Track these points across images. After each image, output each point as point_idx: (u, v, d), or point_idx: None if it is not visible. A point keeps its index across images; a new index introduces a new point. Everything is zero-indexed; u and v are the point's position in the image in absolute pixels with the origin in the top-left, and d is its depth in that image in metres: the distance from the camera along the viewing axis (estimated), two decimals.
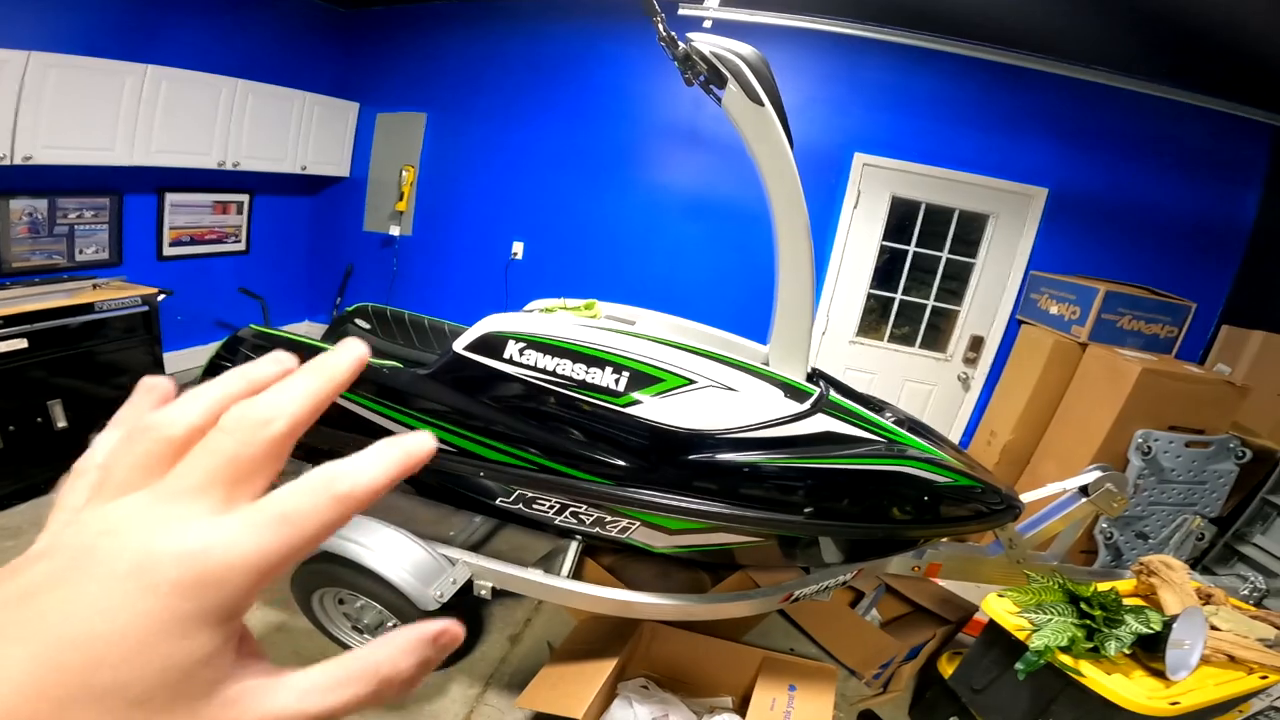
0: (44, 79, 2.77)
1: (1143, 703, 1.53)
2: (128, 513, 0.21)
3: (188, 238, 3.87)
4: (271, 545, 0.21)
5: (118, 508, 0.21)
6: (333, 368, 0.24)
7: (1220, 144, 3.30)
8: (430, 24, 4.17)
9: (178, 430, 0.22)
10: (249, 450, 0.22)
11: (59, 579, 0.19)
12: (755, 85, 1.58)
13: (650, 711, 1.94)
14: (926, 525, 1.79)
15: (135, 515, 0.21)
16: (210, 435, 0.22)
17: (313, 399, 0.23)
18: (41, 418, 2.68)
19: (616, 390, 1.66)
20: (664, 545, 1.84)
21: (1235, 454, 2.96)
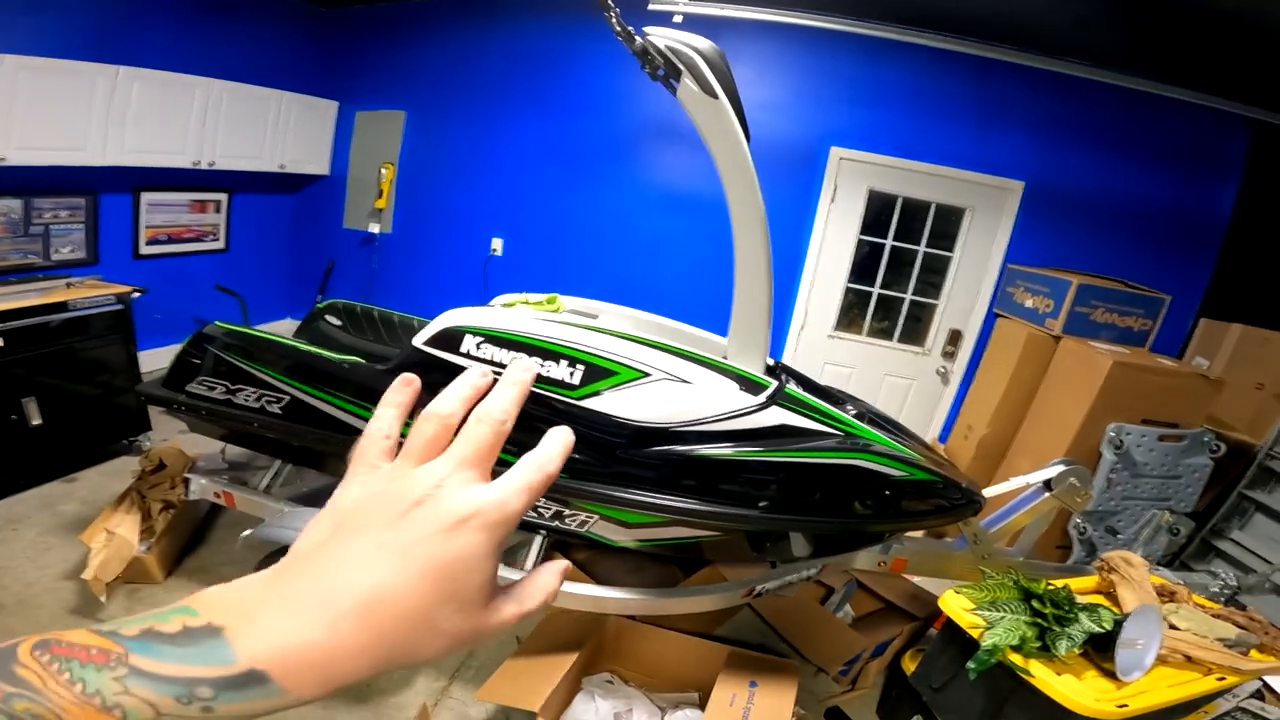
0: (15, 81, 2.78)
1: (1090, 705, 1.48)
2: (440, 475, 0.31)
3: (165, 236, 3.87)
4: (525, 501, 0.32)
5: (429, 470, 0.32)
6: (522, 382, 0.35)
7: (1198, 137, 3.30)
8: (409, 23, 4.17)
9: (452, 420, 0.34)
10: (496, 437, 0.33)
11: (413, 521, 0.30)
12: (710, 78, 1.57)
13: (613, 706, 1.94)
14: (884, 520, 1.80)
15: (447, 478, 0.31)
16: (471, 425, 0.33)
17: (519, 404, 0.35)
18: (16, 415, 2.68)
19: (571, 383, 1.66)
20: (625, 539, 1.84)
21: (1209, 447, 2.96)
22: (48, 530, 2.57)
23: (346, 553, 0.29)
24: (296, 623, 0.27)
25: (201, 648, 0.26)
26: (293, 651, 0.27)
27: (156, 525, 2.34)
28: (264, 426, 1.92)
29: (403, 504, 0.30)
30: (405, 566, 0.28)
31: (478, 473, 0.32)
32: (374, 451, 0.33)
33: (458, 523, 0.30)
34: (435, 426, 0.33)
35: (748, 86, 3.58)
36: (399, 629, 0.28)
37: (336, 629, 0.27)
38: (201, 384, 1.97)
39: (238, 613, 0.28)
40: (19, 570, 2.31)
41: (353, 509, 0.31)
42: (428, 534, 0.29)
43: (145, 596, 2.27)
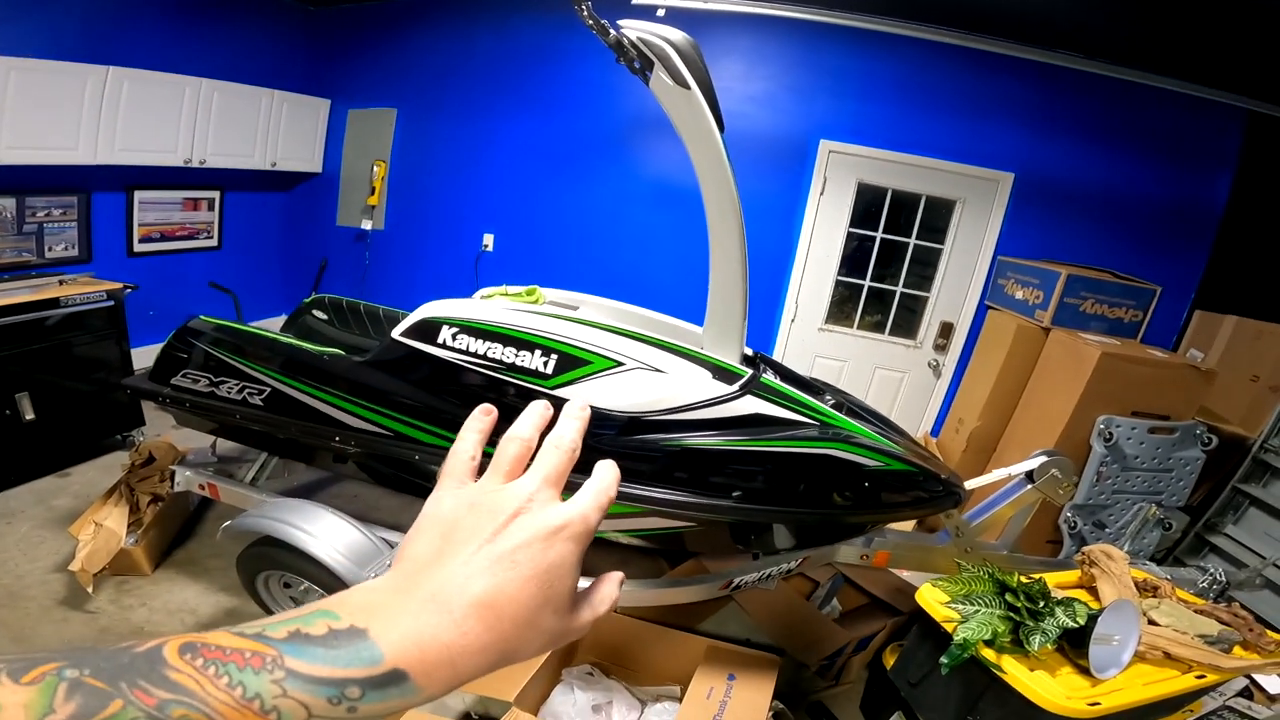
0: (5, 82, 2.81)
1: (1060, 702, 1.44)
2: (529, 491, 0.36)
3: (158, 234, 3.90)
4: (599, 517, 0.37)
5: (518, 487, 0.36)
6: (584, 417, 0.41)
7: (1191, 128, 3.27)
8: (398, 20, 4.18)
9: (531, 443, 0.39)
10: (569, 462, 0.38)
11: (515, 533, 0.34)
12: (682, 69, 1.57)
13: (592, 699, 1.94)
14: (862, 511, 1.79)
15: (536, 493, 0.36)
16: (548, 450, 0.38)
17: (583, 432, 0.40)
18: (9, 410, 2.71)
19: (544, 373, 1.67)
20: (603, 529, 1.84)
21: (1201, 440, 2.93)
22: (41, 524, 2.60)
23: (462, 558, 0.33)
24: (429, 623, 0.30)
25: (350, 649, 0.28)
26: (430, 650, 0.29)
27: (145, 518, 2.36)
28: (247, 418, 1.94)
29: (502, 515, 0.34)
30: (515, 572, 0.32)
31: (556, 491, 0.37)
32: (461, 469, 0.38)
33: (552, 533, 0.34)
34: (519, 448, 0.39)
35: (736, 80, 3.62)
36: (513, 627, 0.32)
37: (464, 628, 0.30)
38: (186, 377, 1.99)
39: (376, 615, 0.30)
40: (11, 563, 2.34)
41: (453, 519, 0.35)
42: (529, 541, 0.33)
43: (133, 589, 2.30)
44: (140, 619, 2.17)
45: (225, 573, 2.42)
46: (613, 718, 1.92)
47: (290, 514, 1.82)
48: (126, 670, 0.26)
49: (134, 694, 0.25)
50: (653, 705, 1.97)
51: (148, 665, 0.26)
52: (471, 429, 0.40)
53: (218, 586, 2.38)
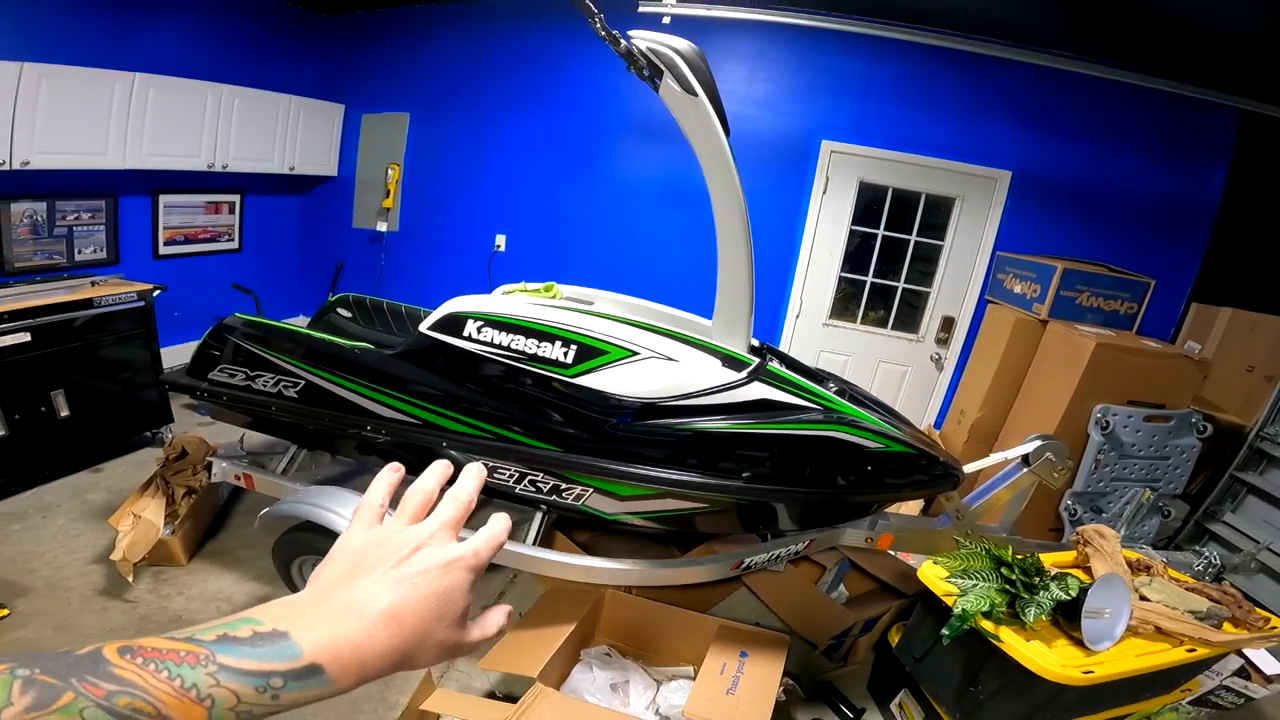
0: (38, 88, 2.90)
1: (1056, 670, 1.52)
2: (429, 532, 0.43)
3: (182, 237, 4.02)
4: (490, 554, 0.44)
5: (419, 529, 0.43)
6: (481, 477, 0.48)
7: (1185, 124, 3.35)
8: (410, 26, 4.29)
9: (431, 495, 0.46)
10: (464, 512, 0.46)
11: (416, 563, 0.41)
12: (689, 77, 1.67)
13: (610, 677, 2.03)
14: (863, 490, 1.88)
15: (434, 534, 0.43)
16: (446, 501, 0.46)
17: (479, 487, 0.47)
18: (45, 407, 2.82)
19: (565, 362, 1.77)
20: (617, 511, 1.94)
21: (1197, 428, 3.00)
22: (77, 517, 2.69)
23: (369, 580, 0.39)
24: (343, 627, 0.36)
25: (273, 647, 0.34)
26: (342, 648, 0.36)
27: (180, 510, 2.47)
28: (281, 410, 2.04)
29: (406, 548, 0.41)
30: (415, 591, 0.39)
31: (452, 534, 0.44)
32: (370, 514, 0.45)
33: (448, 563, 0.41)
34: (421, 498, 0.45)
35: (739, 83, 3.72)
36: (414, 636, 0.38)
37: (371, 632, 0.37)
38: (223, 371, 2.10)
39: (295, 621, 0.36)
40: (50, 555, 2.44)
41: (363, 551, 0.41)
42: (427, 568, 0.40)
43: (170, 578, 2.39)
44: (178, 607, 2.26)
45: (256, 562, 2.52)
46: (629, 695, 2.02)
47: (327, 500, 1.92)
48: (73, 668, 0.30)
49: (83, 687, 0.29)
50: (668, 683, 2.06)
51: (92, 664, 0.30)
52: (381, 482, 0.47)
53: (250, 575, 2.47)
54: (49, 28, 3.13)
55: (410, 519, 0.44)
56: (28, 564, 2.37)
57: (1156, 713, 2.02)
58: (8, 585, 2.24)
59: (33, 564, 2.38)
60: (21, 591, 2.23)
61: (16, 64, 2.82)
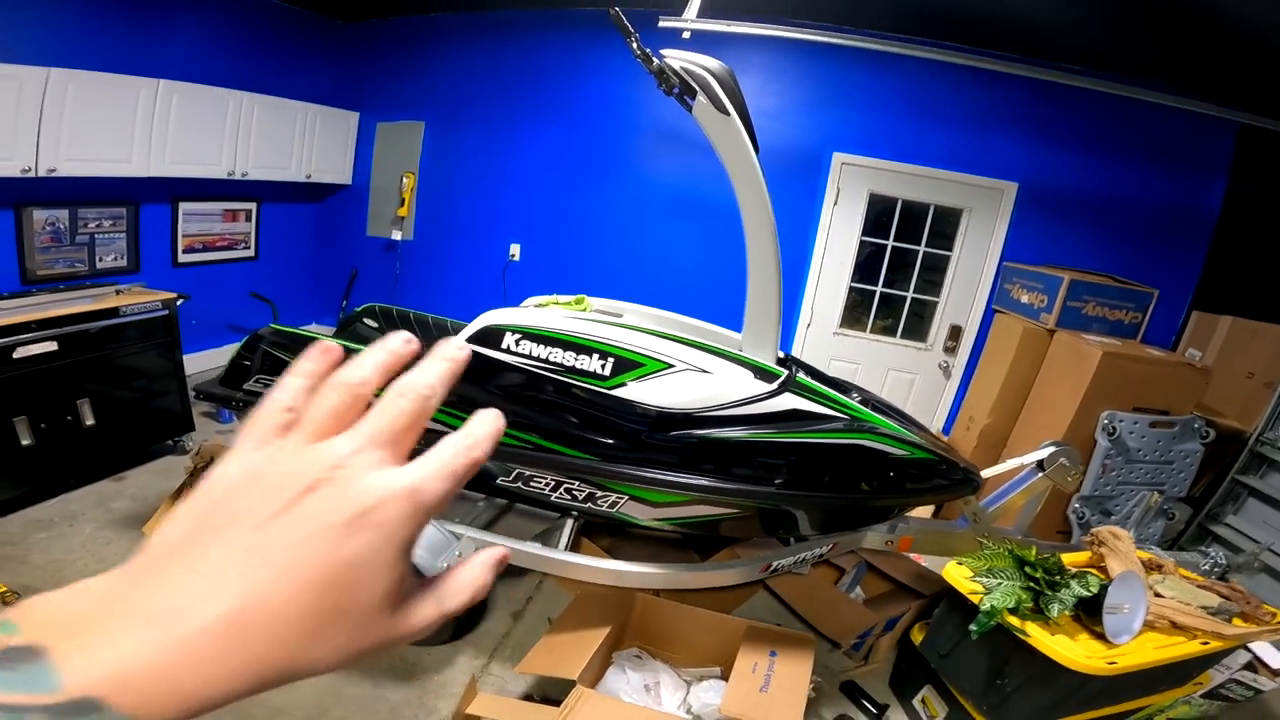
0: (64, 94, 2.92)
1: (1082, 661, 1.62)
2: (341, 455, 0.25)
3: (200, 245, 4.06)
4: (445, 488, 0.26)
5: (328, 448, 0.26)
6: (454, 358, 0.29)
7: (1185, 136, 3.45)
8: (426, 36, 4.34)
9: (364, 389, 0.28)
10: (418, 414, 0.27)
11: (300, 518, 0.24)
12: (722, 96, 1.74)
13: (642, 679, 2.08)
14: (888, 495, 1.95)
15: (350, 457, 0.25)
16: (389, 398, 0.27)
17: (450, 382, 0.29)
18: (71, 416, 2.84)
19: (603, 375, 1.83)
20: (650, 518, 2.00)
21: (1200, 433, 3.09)
22: (104, 525, 2.71)
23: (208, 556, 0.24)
24: (137, 643, 0.22)
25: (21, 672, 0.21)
26: (134, 676, 0.22)
27: None
28: None
29: (288, 491, 0.25)
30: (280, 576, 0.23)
31: (389, 454, 0.26)
32: (267, 425, 0.27)
33: (356, 516, 0.24)
34: (342, 396, 0.27)
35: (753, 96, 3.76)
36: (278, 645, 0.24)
37: (191, 649, 0.23)
38: (258, 382, 2.15)
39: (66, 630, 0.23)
40: (80, 563, 2.46)
41: (224, 496, 0.25)
42: (315, 532, 0.24)
43: None
44: None
45: None
46: (661, 695, 2.07)
47: None
48: None
49: None
50: (698, 684, 2.11)
51: None
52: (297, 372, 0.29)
53: None
54: (74, 33, 3.15)
55: (317, 433, 0.27)
56: (58, 572, 2.40)
57: (1170, 705, 2.10)
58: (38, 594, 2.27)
59: (63, 572, 2.40)
60: None
61: (44, 69, 2.83)
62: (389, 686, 2.05)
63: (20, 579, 2.29)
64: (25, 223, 3.15)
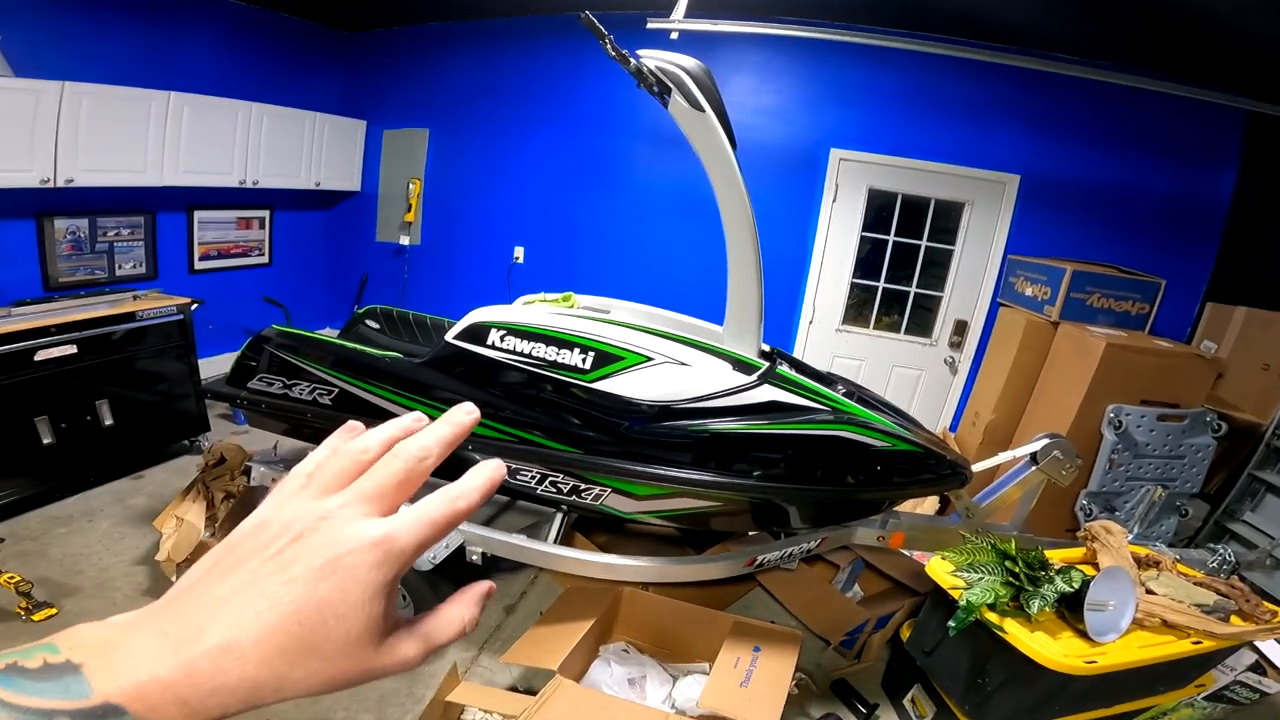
0: (79, 107, 3.04)
1: (1059, 660, 1.56)
2: (329, 508, 0.30)
3: (215, 252, 4.20)
4: (422, 535, 0.30)
5: (326, 502, 0.30)
6: (458, 423, 0.33)
7: (1192, 125, 3.37)
8: (429, 44, 4.44)
9: (365, 456, 0.32)
10: (408, 473, 0.31)
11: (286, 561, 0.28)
12: (696, 93, 1.76)
13: (628, 672, 2.10)
14: (872, 488, 1.94)
15: (336, 510, 0.30)
16: (386, 459, 0.31)
17: (449, 445, 0.33)
18: (90, 416, 2.96)
19: (583, 368, 1.86)
20: (634, 510, 2.02)
21: (1211, 427, 3.01)
22: (121, 521, 2.82)
23: (215, 589, 0.29)
24: (152, 662, 0.27)
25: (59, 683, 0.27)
26: (149, 689, 0.27)
27: (219, 513, 2.59)
28: (317, 417, 2.16)
29: (284, 538, 0.29)
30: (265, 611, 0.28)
31: (375, 507, 0.30)
32: (292, 485, 0.32)
33: (329, 562, 0.28)
34: (343, 463, 0.32)
35: (748, 95, 3.81)
36: (266, 670, 0.28)
37: (192, 668, 0.27)
38: (261, 381, 2.22)
39: (97, 650, 0.28)
40: (95, 557, 2.56)
41: (238, 541, 0.30)
42: (297, 575, 0.28)
43: None
44: None
45: None
46: (646, 689, 2.08)
47: None
48: None
49: None
50: (684, 678, 2.12)
51: None
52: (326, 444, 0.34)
53: None
54: (88, 48, 3.28)
55: (319, 491, 0.31)
56: (75, 566, 2.50)
57: (1172, 708, 2.04)
58: (56, 586, 2.36)
59: (79, 566, 2.50)
60: (70, 592, 2.35)
61: (59, 83, 2.95)
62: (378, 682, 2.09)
63: (39, 571, 2.40)
64: (47, 232, 3.29)
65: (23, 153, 2.89)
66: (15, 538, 2.63)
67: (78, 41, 3.25)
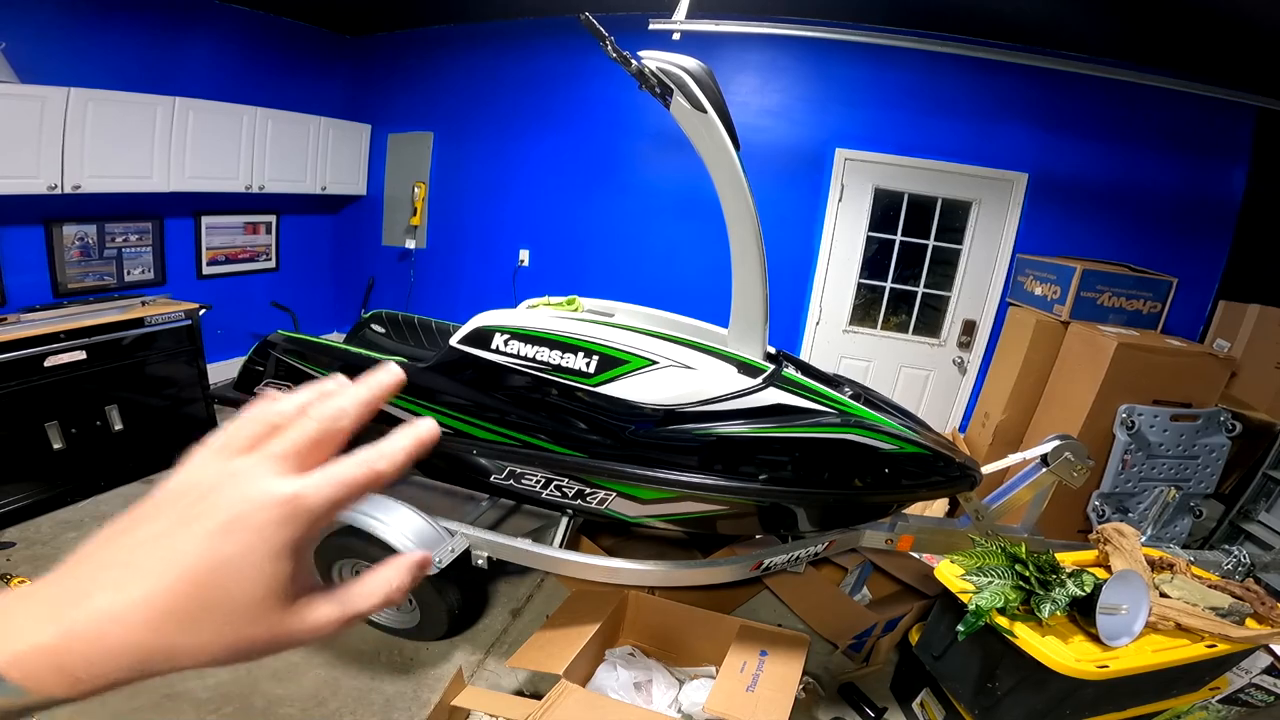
0: (84, 112, 3.04)
1: (1070, 665, 1.53)
2: (241, 467, 0.29)
3: (223, 257, 4.22)
4: (334, 496, 0.29)
5: (234, 463, 0.29)
6: (378, 384, 0.33)
7: (1201, 122, 3.33)
8: (432, 47, 4.44)
9: (276, 418, 0.31)
10: (324, 433, 0.31)
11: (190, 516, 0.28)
12: (698, 94, 1.74)
13: (634, 676, 2.09)
14: (880, 491, 1.92)
15: (247, 469, 0.29)
16: (299, 420, 0.31)
17: (367, 405, 0.32)
18: (100, 421, 2.99)
19: (587, 372, 1.85)
20: (639, 514, 2.01)
21: (1225, 426, 2.96)
22: None
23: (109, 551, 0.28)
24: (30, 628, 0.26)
25: None
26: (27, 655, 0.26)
27: None
28: None
29: (187, 498, 0.28)
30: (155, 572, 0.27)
31: (288, 465, 0.29)
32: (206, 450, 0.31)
33: (233, 519, 0.27)
34: (255, 427, 0.31)
35: (752, 94, 3.79)
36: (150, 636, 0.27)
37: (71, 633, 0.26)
38: (268, 385, 2.23)
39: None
40: None
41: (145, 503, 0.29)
42: (196, 532, 0.27)
43: None
44: None
45: None
46: (653, 693, 2.08)
47: (367, 506, 2.03)
48: None
49: None
50: (690, 682, 2.11)
51: None
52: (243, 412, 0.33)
53: None
54: (92, 54, 3.30)
55: (232, 451, 0.30)
56: None
57: (1186, 711, 2.00)
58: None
59: None
60: None
61: (64, 89, 2.96)
62: (385, 679, 2.10)
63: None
64: (55, 238, 3.32)
65: (30, 159, 2.90)
66: (26, 542, 2.65)
67: (83, 48, 3.27)
